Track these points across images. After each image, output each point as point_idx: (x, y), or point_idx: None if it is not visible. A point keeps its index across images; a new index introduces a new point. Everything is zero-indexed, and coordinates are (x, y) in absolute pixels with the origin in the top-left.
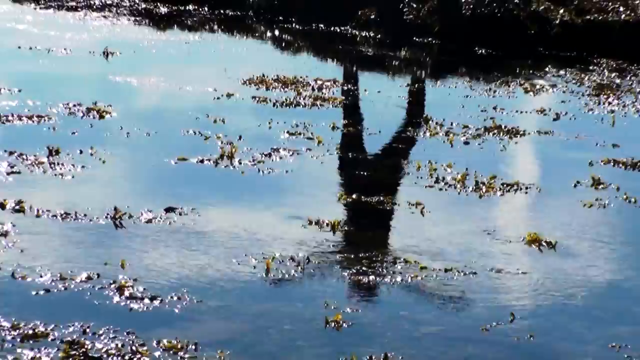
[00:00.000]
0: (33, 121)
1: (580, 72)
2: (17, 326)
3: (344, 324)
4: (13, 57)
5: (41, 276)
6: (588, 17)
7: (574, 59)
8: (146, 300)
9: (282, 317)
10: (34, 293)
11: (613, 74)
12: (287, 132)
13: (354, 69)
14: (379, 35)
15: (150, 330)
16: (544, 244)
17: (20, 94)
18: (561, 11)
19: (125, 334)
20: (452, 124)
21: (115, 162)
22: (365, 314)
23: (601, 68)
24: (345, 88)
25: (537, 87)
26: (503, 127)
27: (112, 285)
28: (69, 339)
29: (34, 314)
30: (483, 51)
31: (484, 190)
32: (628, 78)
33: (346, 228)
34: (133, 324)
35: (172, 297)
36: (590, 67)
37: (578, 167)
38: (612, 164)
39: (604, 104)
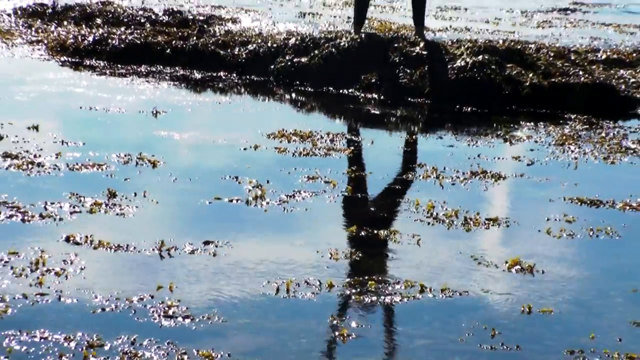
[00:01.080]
0: (94, 169)
1: (548, 125)
2: (77, 338)
3: (350, 337)
4: (77, 116)
5: (96, 297)
6: (553, 79)
7: (543, 115)
8: (184, 318)
9: (298, 331)
10: (91, 312)
11: (575, 127)
12: (307, 177)
13: (359, 124)
14: (380, 96)
15: (189, 342)
16: (523, 267)
17: (84, 146)
18: (530, 75)
19: (166, 344)
20: (443, 169)
21: (162, 202)
22: (368, 329)
23: (565, 122)
24: (353, 140)
25: (512, 138)
26: (485, 171)
27: (159, 305)
28: (121, 348)
29: (91, 328)
30: (467, 109)
31: (471, 224)
32: (587, 130)
33: (354, 256)
34: (173, 337)
35: (206, 316)
36: (556, 121)
37: (548, 204)
38: (575, 201)
39: (568, 151)
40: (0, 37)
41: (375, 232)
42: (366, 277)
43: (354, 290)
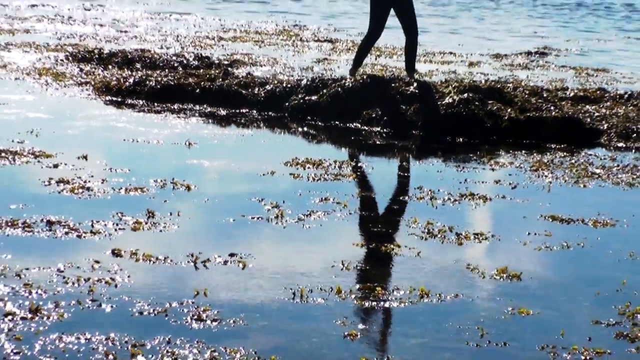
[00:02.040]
0: (136, 193)
1: (525, 154)
2: (122, 338)
3: (357, 337)
4: (120, 147)
5: (138, 303)
6: (528, 114)
7: (520, 144)
8: (213, 321)
9: (311, 332)
10: (133, 315)
11: (548, 155)
12: (319, 198)
13: (362, 153)
14: (380, 129)
15: (217, 341)
16: (509, 275)
17: (126, 173)
18: (509, 110)
19: (197, 342)
20: (436, 191)
21: (195, 220)
22: (373, 330)
23: (539, 150)
24: (358, 167)
25: (494, 164)
26: (472, 193)
27: (192, 310)
28: (159, 347)
29: (134, 330)
30: (455, 140)
31: (462, 239)
32: (558, 157)
33: (361, 266)
34: (203, 337)
35: (232, 319)
36: (532, 150)
37: (527, 221)
38: (550, 219)
39: (542, 176)
40: (54, 79)
41: (380, 245)
42: (371, 284)
43: (360, 296)
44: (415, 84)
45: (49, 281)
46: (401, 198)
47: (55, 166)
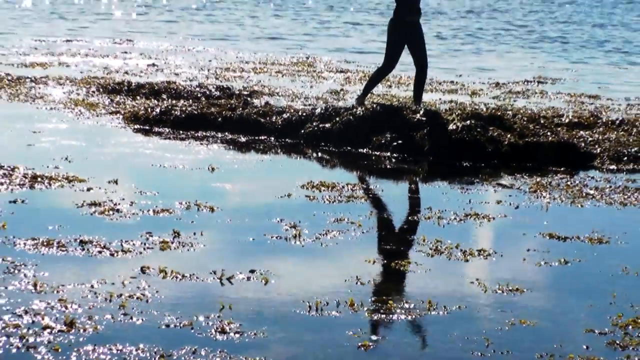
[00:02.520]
0: (163, 214)
1: (524, 176)
2: (150, 349)
3: (370, 347)
4: (148, 172)
5: (166, 316)
6: (527, 139)
7: (519, 168)
8: (236, 333)
9: (327, 343)
10: (159, 327)
11: (546, 177)
12: (334, 219)
13: (373, 176)
14: (389, 154)
15: (239, 352)
16: (511, 289)
17: (154, 196)
18: (508, 136)
19: (219, 352)
20: (443, 211)
21: (218, 240)
22: (385, 340)
23: (537, 173)
24: (369, 189)
25: (496, 186)
26: (476, 213)
27: (216, 323)
28: (184, 357)
29: (161, 341)
30: (459, 163)
31: (467, 255)
32: (555, 179)
33: (373, 281)
34: (226, 348)
35: (254, 331)
36: (530, 173)
37: (527, 239)
38: (548, 237)
39: (540, 197)
40: (87, 109)
41: (391, 262)
42: (383, 297)
43: (373, 308)
44: (421, 112)
45: (82, 297)
46: (410, 218)
47: (88, 190)
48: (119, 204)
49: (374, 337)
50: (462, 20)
